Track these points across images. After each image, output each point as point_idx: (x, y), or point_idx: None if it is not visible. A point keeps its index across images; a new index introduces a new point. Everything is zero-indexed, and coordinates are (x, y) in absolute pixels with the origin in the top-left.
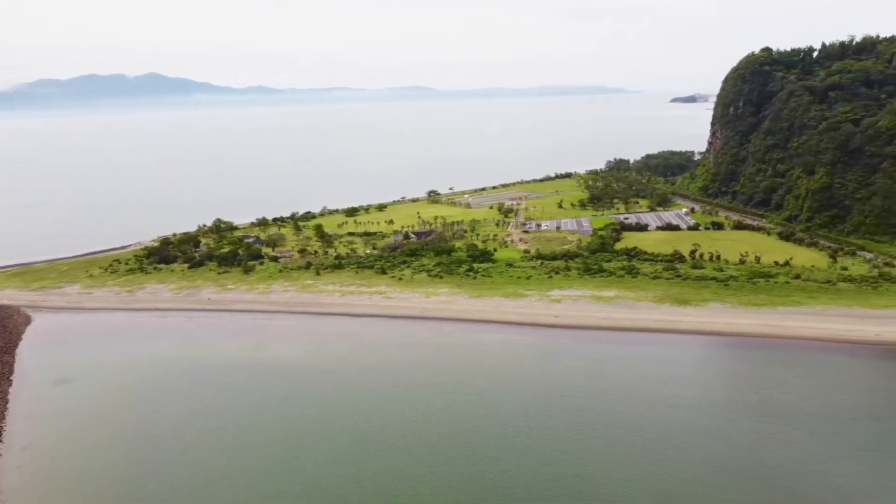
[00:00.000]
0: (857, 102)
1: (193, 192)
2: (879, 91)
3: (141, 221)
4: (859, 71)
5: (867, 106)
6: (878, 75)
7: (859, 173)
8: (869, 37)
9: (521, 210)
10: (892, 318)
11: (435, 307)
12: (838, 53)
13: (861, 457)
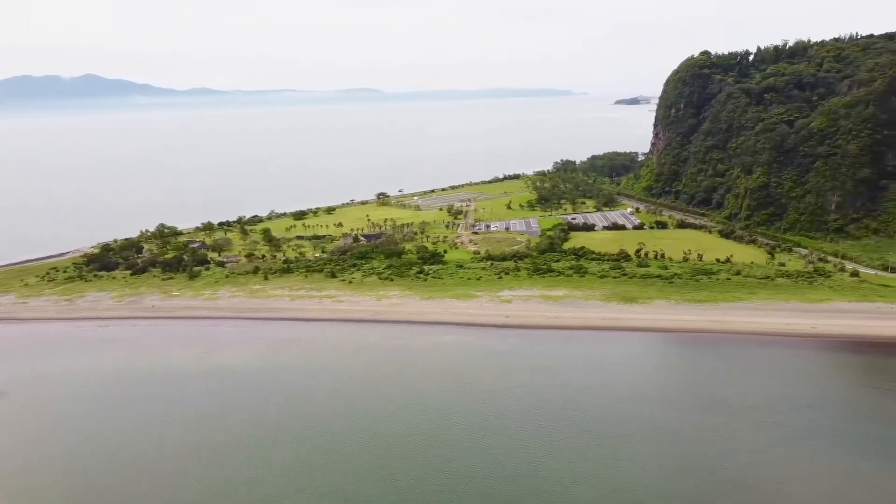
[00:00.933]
0: (790, 104)
1: (134, 197)
2: (811, 93)
3: (79, 227)
4: (792, 74)
5: (800, 108)
6: (810, 78)
7: (794, 173)
8: (801, 41)
9: (471, 211)
10: (826, 311)
11: (386, 310)
12: (772, 57)
13: (799, 444)
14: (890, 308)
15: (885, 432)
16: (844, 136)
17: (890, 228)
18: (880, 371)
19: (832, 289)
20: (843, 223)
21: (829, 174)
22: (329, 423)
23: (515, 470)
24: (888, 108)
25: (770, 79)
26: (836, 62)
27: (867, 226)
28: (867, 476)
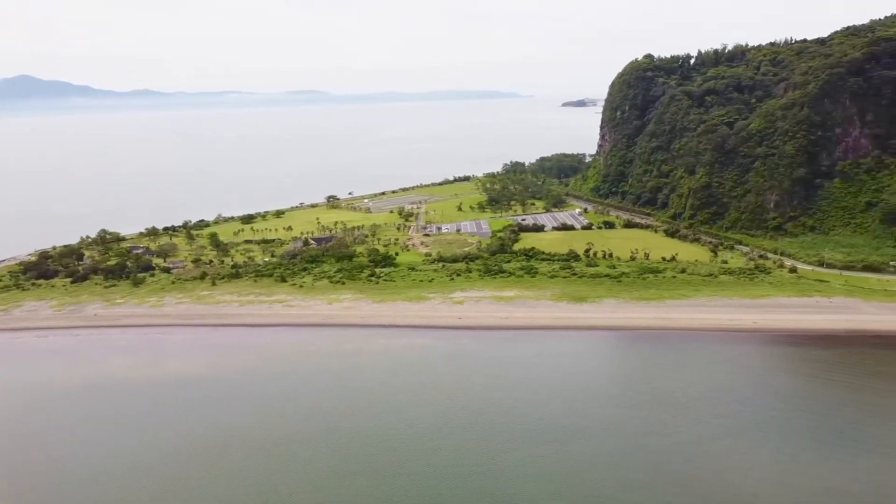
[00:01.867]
0: (730, 106)
1: (73, 203)
2: (750, 96)
3: (13, 235)
4: (732, 77)
5: (739, 110)
6: (748, 81)
7: (735, 173)
8: (739, 45)
9: (422, 213)
10: (767, 306)
11: (338, 314)
12: (712, 60)
13: (741, 436)
14: (826, 302)
15: (823, 422)
16: (781, 137)
17: (825, 225)
18: (818, 363)
19: (772, 285)
20: (781, 221)
21: (768, 174)
22: (282, 430)
23: (469, 469)
24: (821, 110)
25: (710, 82)
26: (772, 66)
27: (804, 223)
28: (806, 465)
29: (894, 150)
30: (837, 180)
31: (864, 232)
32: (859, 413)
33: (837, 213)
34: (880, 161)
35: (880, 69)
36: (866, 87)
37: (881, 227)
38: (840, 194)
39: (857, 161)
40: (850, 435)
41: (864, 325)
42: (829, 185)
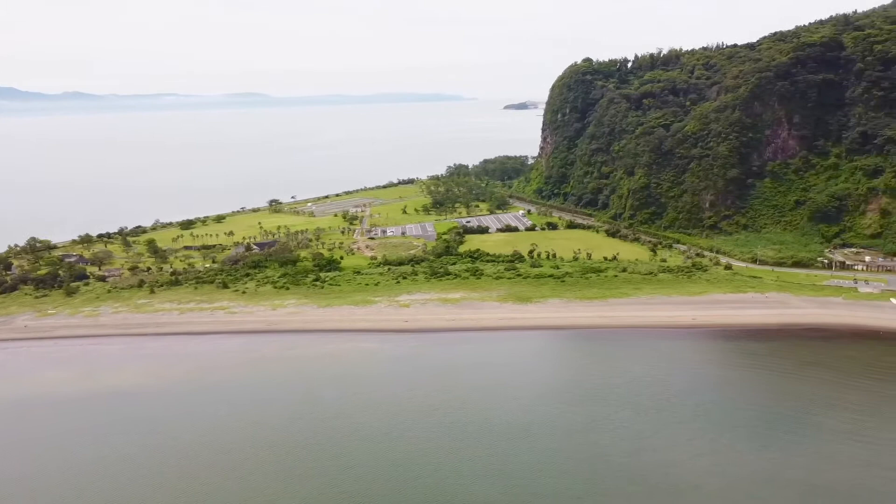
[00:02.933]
0: (666, 109)
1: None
2: (685, 99)
3: None
4: (667, 81)
5: (675, 112)
6: (682, 84)
7: (672, 173)
8: (674, 50)
9: (366, 217)
10: (704, 303)
11: (282, 319)
12: (649, 64)
13: (682, 428)
14: (759, 297)
15: (759, 412)
16: (715, 139)
17: (757, 224)
18: (753, 355)
19: (709, 282)
20: (716, 220)
21: (703, 174)
22: (225, 440)
23: (419, 471)
24: (752, 112)
25: (647, 85)
26: (705, 70)
27: (737, 222)
28: (744, 453)
29: (820, 151)
30: (768, 180)
31: (794, 229)
32: (792, 403)
33: (768, 211)
34: (807, 161)
35: (806, 73)
36: (793, 90)
37: (809, 224)
38: (770, 193)
39: (785, 161)
40: (785, 423)
41: (795, 318)
42: (760, 184)
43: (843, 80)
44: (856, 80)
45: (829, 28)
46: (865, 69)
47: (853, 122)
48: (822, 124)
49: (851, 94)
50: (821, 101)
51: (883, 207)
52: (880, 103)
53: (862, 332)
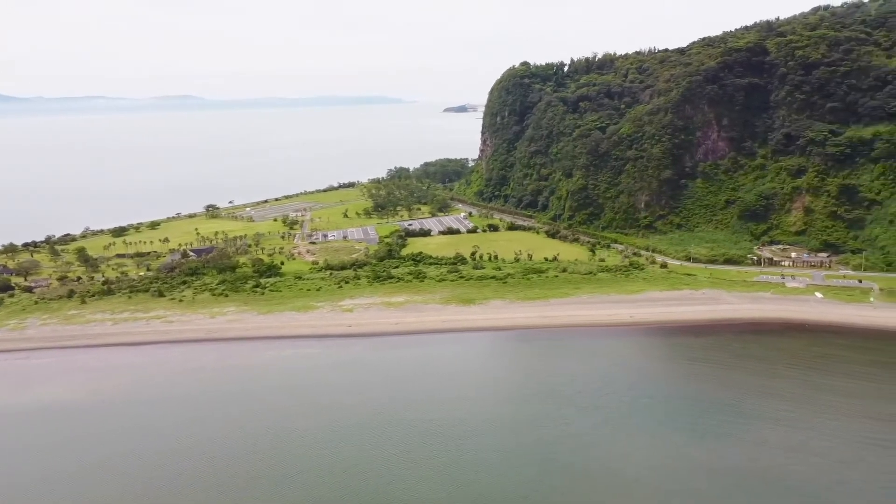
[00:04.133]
0: (602, 112)
1: None
2: (619, 102)
3: None
4: (602, 84)
5: (611, 115)
6: (617, 88)
7: (608, 175)
8: (608, 54)
9: (307, 221)
10: (642, 301)
11: (221, 327)
12: (584, 68)
13: (622, 424)
14: (694, 294)
15: (694, 404)
16: (649, 141)
17: (690, 223)
18: (689, 350)
19: (646, 280)
20: (651, 220)
21: (638, 175)
22: (165, 453)
23: (363, 476)
24: (683, 115)
25: (583, 88)
26: (638, 73)
27: (671, 221)
28: (681, 446)
29: (747, 152)
30: (700, 180)
31: (725, 228)
32: (727, 394)
33: (701, 210)
34: (736, 162)
35: (733, 77)
36: (721, 93)
37: (739, 222)
38: (702, 193)
39: (715, 162)
40: (720, 414)
41: (727, 313)
42: (692, 185)
43: (767, 84)
44: (779, 84)
45: (754, 34)
46: (788, 73)
47: (778, 125)
48: (749, 126)
49: (775, 97)
50: (747, 104)
51: (806, 206)
52: (802, 106)
53: (790, 325)
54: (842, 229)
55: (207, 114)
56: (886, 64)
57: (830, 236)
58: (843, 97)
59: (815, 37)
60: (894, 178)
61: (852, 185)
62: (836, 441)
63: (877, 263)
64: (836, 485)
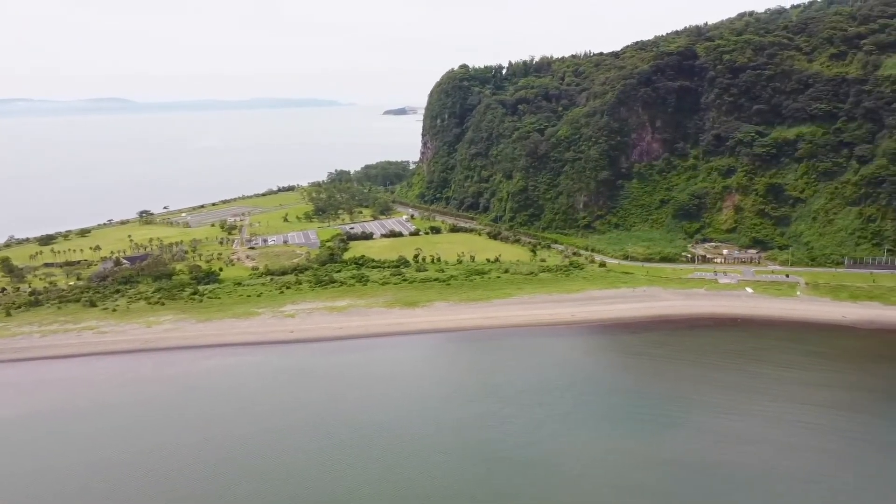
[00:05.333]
0: (540, 114)
1: None
2: (557, 104)
3: None
4: (540, 87)
5: (549, 117)
6: (555, 91)
7: (548, 176)
8: (545, 57)
9: (246, 226)
10: (582, 299)
11: (158, 337)
12: (522, 71)
13: (564, 421)
14: (632, 292)
15: (634, 398)
16: (586, 143)
17: (627, 222)
18: (628, 346)
19: (586, 279)
20: (590, 220)
21: (576, 177)
22: (100, 468)
23: (306, 481)
24: (618, 117)
25: (522, 91)
26: (575, 76)
27: (609, 221)
28: (620, 438)
29: (680, 153)
30: (635, 181)
31: (660, 227)
32: (664, 388)
33: (637, 210)
34: (669, 163)
35: (665, 80)
36: (654, 96)
37: (673, 221)
38: (638, 193)
39: (650, 163)
40: (659, 408)
41: (664, 310)
42: (628, 185)
43: (697, 87)
44: (709, 87)
45: (684, 39)
46: (717, 77)
47: (708, 126)
48: (682, 128)
49: (705, 99)
50: (679, 106)
51: (736, 204)
52: (730, 108)
53: (722, 320)
54: (769, 226)
55: (141, 116)
56: (807, 68)
57: (759, 233)
58: (769, 100)
59: (741, 42)
60: (817, 177)
61: (778, 184)
62: (769, 427)
63: (802, 259)
64: (770, 470)
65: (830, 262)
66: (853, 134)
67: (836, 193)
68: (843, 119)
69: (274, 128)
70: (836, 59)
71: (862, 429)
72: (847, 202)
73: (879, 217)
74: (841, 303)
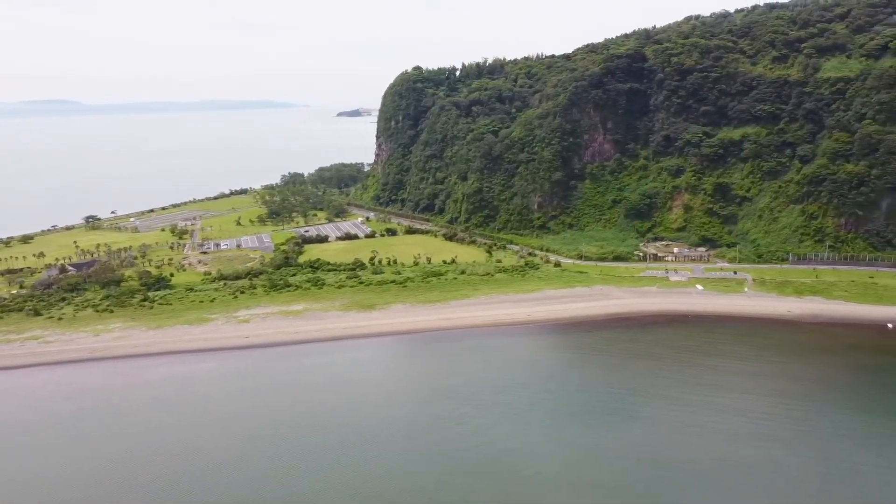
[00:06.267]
0: (494, 116)
1: None
2: (510, 106)
3: None
4: (493, 89)
5: (502, 119)
6: (508, 92)
7: (502, 177)
8: (498, 59)
9: (198, 230)
10: (537, 299)
11: (107, 346)
12: (475, 73)
13: (519, 419)
14: (586, 291)
15: (588, 396)
16: (540, 144)
17: (581, 222)
18: (582, 345)
19: (541, 279)
20: (544, 220)
21: (530, 178)
22: (44, 484)
23: (261, 490)
24: (571, 118)
25: (475, 93)
26: (527, 78)
27: (563, 221)
28: (575, 434)
29: (631, 154)
30: (588, 181)
31: (613, 226)
32: (618, 385)
33: (590, 210)
34: (621, 163)
35: (615, 82)
36: (605, 98)
37: (625, 221)
38: (591, 194)
39: (602, 164)
40: (612, 403)
41: (618, 308)
42: (581, 186)
43: (647, 89)
44: (658, 89)
45: (633, 41)
46: (665, 79)
47: (657, 127)
48: (632, 129)
49: (654, 101)
50: (629, 107)
51: (686, 203)
52: (678, 110)
53: (674, 317)
54: (717, 225)
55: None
56: (751, 70)
57: (708, 232)
58: (715, 101)
59: (688, 45)
60: (761, 176)
61: (725, 184)
62: (720, 417)
63: (749, 256)
64: (721, 459)
65: (776, 258)
66: (795, 134)
67: (780, 192)
68: (786, 120)
69: (226, 130)
70: (778, 62)
71: (807, 416)
72: (790, 200)
73: (821, 214)
74: (786, 298)
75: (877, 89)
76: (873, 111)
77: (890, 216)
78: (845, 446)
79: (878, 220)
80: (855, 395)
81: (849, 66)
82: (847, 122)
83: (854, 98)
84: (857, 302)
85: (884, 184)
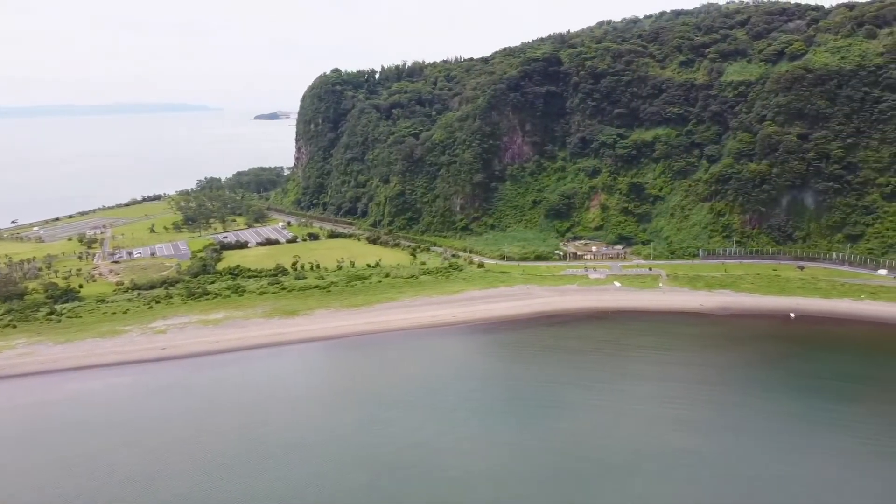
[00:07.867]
0: (415, 119)
1: None
2: (431, 109)
3: None
4: (413, 91)
5: (423, 122)
6: (428, 95)
7: (424, 180)
8: (417, 62)
9: (108, 239)
10: (462, 300)
11: (9, 363)
12: (395, 76)
13: (446, 419)
14: (509, 291)
15: (513, 394)
16: (461, 146)
17: (503, 223)
18: (506, 343)
19: (465, 280)
20: (467, 222)
21: (452, 180)
22: None
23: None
24: (490, 121)
25: (395, 95)
26: (447, 81)
27: (485, 222)
28: (501, 433)
29: (549, 155)
30: (508, 183)
31: (533, 226)
32: (542, 382)
33: (511, 211)
34: (539, 165)
35: (532, 86)
36: (523, 100)
37: (545, 221)
38: (512, 195)
39: (521, 165)
40: (537, 401)
41: (540, 307)
42: (502, 187)
43: (563, 92)
44: (573, 92)
45: (549, 45)
46: (580, 82)
47: (574, 129)
48: (550, 131)
49: (570, 104)
50: (547, 110)
51: (602, 203)
52: (593, 112)
53: (594, 314)
54: (633, 223)
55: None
56: (660, 74)
57: (624, 230)
58: (627, 104)
59: (601, 49)
60: (672, 175)
61: (639, 183)
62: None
63: (663, 252)
64: (643, 445)
65: (688, 254)
66: (702, 135)
67: (690, 191)
68: (694, 122)
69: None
70: (685, 66)
71: (720, 399)
72: (700, 198)
73: (728, 212)
74: (698, 292)
75: (775, 92)
76: (772, 113)
77: (790, 212)
78: (755, 425)
79: (779, 216)
80: (762, 380)
81: (749, 70)
82: (749, 124)
83: (755, 101)
84: (762, 294)
85: (783, 181)
